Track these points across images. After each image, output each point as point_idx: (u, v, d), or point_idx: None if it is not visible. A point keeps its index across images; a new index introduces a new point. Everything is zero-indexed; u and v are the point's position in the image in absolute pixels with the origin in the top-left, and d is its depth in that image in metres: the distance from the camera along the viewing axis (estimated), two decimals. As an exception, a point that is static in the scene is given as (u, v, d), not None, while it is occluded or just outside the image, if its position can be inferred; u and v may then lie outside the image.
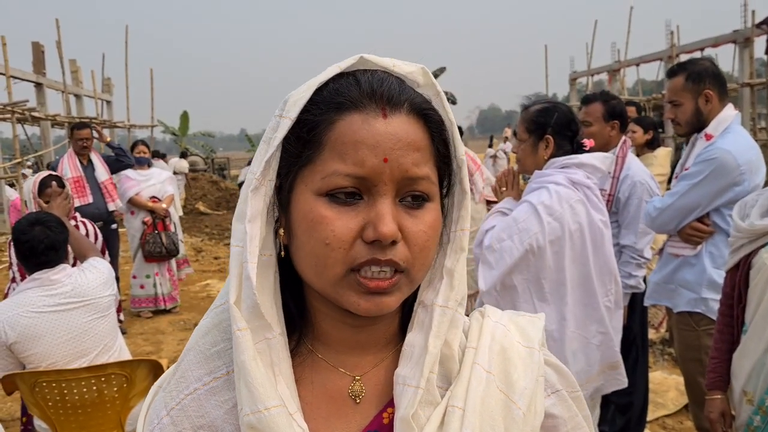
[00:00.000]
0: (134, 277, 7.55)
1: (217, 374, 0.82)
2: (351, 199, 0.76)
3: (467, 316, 0.92)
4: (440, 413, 0.80)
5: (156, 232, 7.35)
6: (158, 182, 7.60)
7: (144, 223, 7.37)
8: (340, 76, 0.80)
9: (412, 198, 0.78)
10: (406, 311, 0.88)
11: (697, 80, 3.15)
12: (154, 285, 7.55)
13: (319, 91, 0.79)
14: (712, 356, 2.44)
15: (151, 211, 7.40)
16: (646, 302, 3.51)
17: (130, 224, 7.50)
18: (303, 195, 0.78)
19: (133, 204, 7.37)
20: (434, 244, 0.81)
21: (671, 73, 3.29)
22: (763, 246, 2.19)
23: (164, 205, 7.45)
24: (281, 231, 0.82)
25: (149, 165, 7.88)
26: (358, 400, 0.84)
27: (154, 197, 7.48)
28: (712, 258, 3.10)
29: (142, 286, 7.53)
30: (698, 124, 3.19)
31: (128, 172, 7.47)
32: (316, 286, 0.80)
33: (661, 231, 3.33)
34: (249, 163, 24.37)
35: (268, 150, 0.78)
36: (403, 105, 0.78)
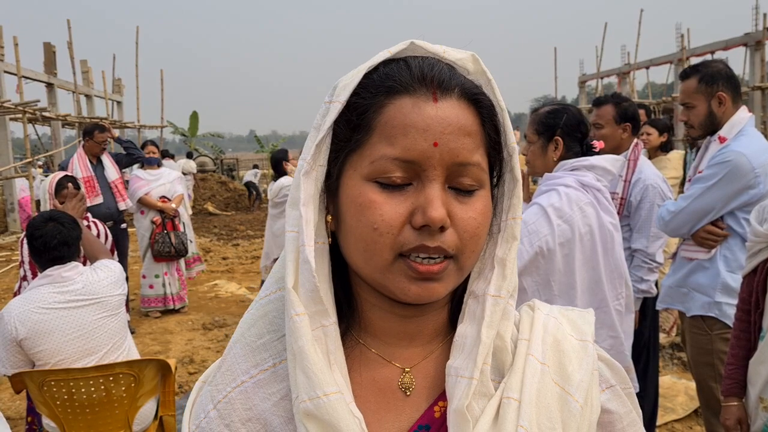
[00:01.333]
0: (144, 276, 7.59)
1: (264, 366, 0.81)
2: (400, 183, 0.75)
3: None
4: (495, 405, 0.78)
5: (165, 231, 7.38)
6: (168, 182, 7.62)
7: (153, 222, 7.40)
8: (391, 61, 0.79)
9: (461, 184, 0.76)
10: (454, 303, 0.87)
11: (710, 82, 3.12)
12: (163, 285, 7.58)
13: (368, 76, 0.78)
14: (728, 362, 2.41)
15: (161, 211, 7.43)
16: (659, 306, 3.48)
17: (139, 224, 7.53)
18: (352, 180, 0.77)
19: (143, 204, 7.40)
20: (484, 232, 0.79)
21: (684, 76, 3.26)
22: None
23: (173, 205, 7.48)
24: (329, 218, 0.81)
25: (159, 165, 7.91)
26: (408, 393, 0.82)
27: (163, 197, 7.51)
28: (727, 262, 3.07)
29: (151, 286, 7.56)
30: (711, 126, 3.16)
31: (138, 172, 7.51)
32: (363, 272, 0.79)
33: (674, 235, 3.30)
34: (255, 166, 24.48)
35: (318, 134, 0.78)
36: (453, 89, 0.76)
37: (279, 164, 6.93)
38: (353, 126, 0.77)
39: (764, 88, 17.62)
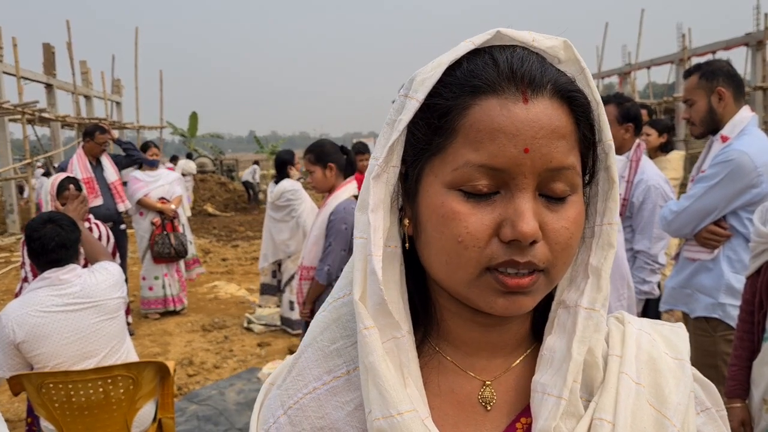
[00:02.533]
0: (143, 278, 7.57)
1: (337, 373, 0.77)
2: (486, 193, 0.69)
3: None
4: (585, 426, 0.72)
5: (165, 233, 7.36)
6: (166, 183, 7.60)
7: (153, 224, 7.39)
8: (475, 53, 0.72)
9: (553, 192, 0.70)
10: (539, 312, 0.81)
11: (710, 78, 3.12)
12: (163, 286, 7.56)
13: (450, 71, 0.71)
14: (731, 363, 2.40)
15: (160, 212, 7.41)
16: (662, 308, 3.46)
17: (139, 225, 7.49)
18: (432, 187, 0.71)
19: (142, 205, 7.37)
20: (577, 242, 0.73)
21: (687, 74, 3.27)
22: None
23: (173, 206, 7.46)
24: (406, 221, 0.76)
25: (157, 167, 7.89)
26: (488, 407, 0.77)
27: (162, 198, 7.49)
28: (730, 262, 3.05)
29: (150, 288, 7.53)
30: (713, 123, 3.14)
31: (137, 173, 7.47)
32: (445, 284, 0.73)
33: (677, 235, 3.28)
34: (256, 162, 24.45)
35: (392, 134, 0.72)
36: (546, 87, 0.69)
37: (284, 166, 6.79)
38: (434, 128, 0.71)
39: (766, 88, 17.61)
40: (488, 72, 0.69)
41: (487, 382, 0.78)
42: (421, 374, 0.74)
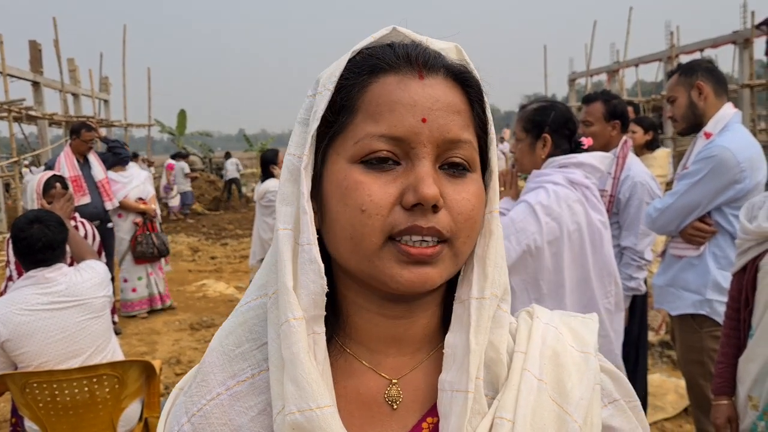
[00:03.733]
0: (125, 280, 7.49)
1: (242, 377, 0.77)
2: (387, 163, 0.71)
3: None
4: (487, 425, 0.72)
5: (147, 233, 7.36)
6: (140, 183, 7.55)
7: (136, 224, 7.37)
8: (373, 45, 0.77)
9: (452, 165, 0.73)
10: (444, 310, 0.82)
11: (689, 73, 3.17)
12: (148, 285, 7.54)
13: (351, 60, 0.75)
14: (718, 361, 2.40)
15: (142, 213, 7.40)
16: (657, 306, 3.47)
17: (118, 227, 7.37)
18: (336, 165, 0.73)
19: (123, 207, 7.29)
20: (479, 216, 0.75)
21: (670, 74, 3.30)
22: None
23: (154, 206, 7.51)
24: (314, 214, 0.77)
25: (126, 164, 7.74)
26: (395, 406, 0.77)
27: (140, 198, 7.48)
28: (716, 259, 3.06)
29: (134, 290, 7.48)
30: (694, 118, 3.17)
31: (111, 174, 7.25)
32: (351, 263, 0.73)
33: (662, 232, 3.29)
34: (226, 156, 24.25)
35: (311, 125, 0.74)
36: (440, 68, 0.74)
37: (266, 166, 6.83)
38: (337, 108, 0.73)
39: (753, 86, 17.71)
40: (386, 54, 0.74)
41: (394, 381, 0.78)
42: (331, 373, 0.74)
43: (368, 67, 0.73)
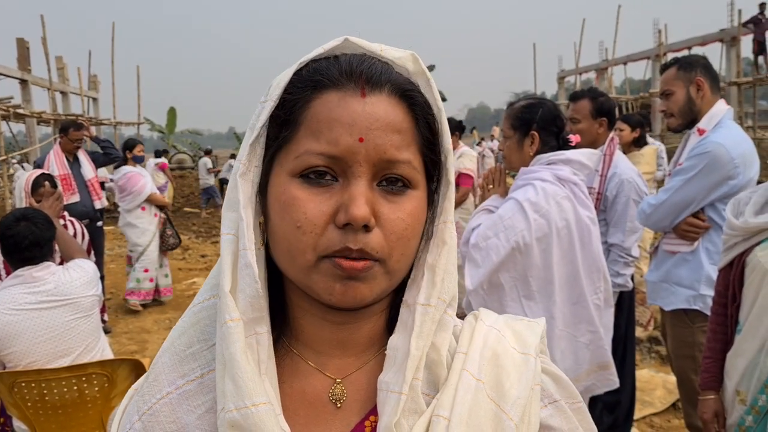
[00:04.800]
0: (146, 270, 7.60)
1: (191, 377, 0.78)
2: (325, 180, 0.73)
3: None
4: (424, 423, 0.74)
5: (167, 226, 7.65)
6: (150, 178, 7.82)
7: (162, 218, 7.64)
8: (324, 58, 0.77)
9: (389, 182, 0.74)
10: (392, 313, 0.84)
11: (688, 68, 3.15)
12: (166, 276, 7.83)
13: (299, 72, 0.76)
14: (705, 356, 2.42)
15: (160, 207, 7.65)
16: (650, 302, 3.50)
17: (141, 220, 7.50)
18: (278, 177, 0.75)
19: (151, 200, 7.52)
20: (414, 235, 0.76)
21: (665, 67, 3.31)
22: (757, 244, 2.16)
23: (168, 200, 7.62)
24: (261, 219, 0.78)
25: (143, 162, 8.07)
26: (338, 405, 0.79)
27: (155, 193, 7.69)
28: (709, 254, 3.08)
29: (151, 280, 7.65)
30: (691, 114, 3.17)
31: (134, 169, 7.51)
32: (289, 273, 0.76)
33: (656, 228, 3.31)
34: (232, 156, 24.27)
35: (252, 133, 0.76)
36: (384, 85, 0.74)
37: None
38: (282, 122, 0.75)
39: (740, 84, 17.83)
40: (330, 69, 0.74)
41: (338, 381, 0.80)
42: (276, 373, 0.76)
43: (312, 82, 0.74)
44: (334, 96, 0.73)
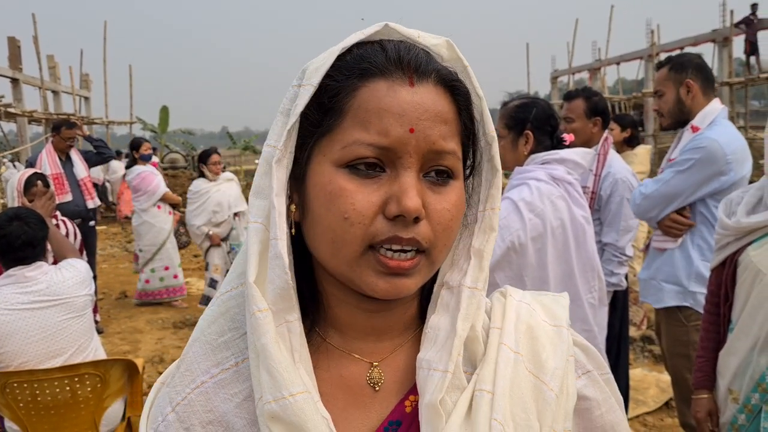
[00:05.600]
0: (166, 268, 7.68)
1: (226, 365, 0.77)
2: (373, 171, 0.71)
3: None
4: (467, 398, 0.75)
5: (181, 223, 7.74)
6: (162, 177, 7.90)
7: (173, 216, 7.73)
8: (364, 43, 0.76)
9: (436, 174, 0.73)
10: (424, 294, 0.84)
11: (679, 70, 3.17)
12: (182, 273, 7.92)
13: (341, 58, 0.74)
14: (698, 355, 2.42)
15: (174, 205, 7.75)
16: (642, 300, 3.51)
17: (157, 218, 7.58)
18: (321, 166, 0.73)
19: (166, 199, 7.60)
20: (458, 225, 0.76)
21: (659, 66, 3.34)
22: (749, 244, 2.17)
23: (179, 198, 7.77)
24: (293, 207, 0.77)
25: (150, 160, 8.17)
26: (377, 388, 0.79)
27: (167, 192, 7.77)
28: (701, 251, 3.09)
29: (175, 276, 7.77)
30: (680, 115, 3.19)
31: (147, 168, 7.62)
32: (330, 265, 0.75)
33: (643, 218, 3.32)
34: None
35: (290, 119, 0.73)
36: (430, 74, 0.73)
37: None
38: (324, 109, 0.73)
39: (732, 84, 17.91)
40: (377, 57, 0.73)
41: (375, 364, 0.80)
42: (310, 359, 0.75)
43: (358, 70, 0.72)
44: (383, 84, 0.72)
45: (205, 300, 7.01)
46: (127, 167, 7.77)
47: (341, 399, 0.78)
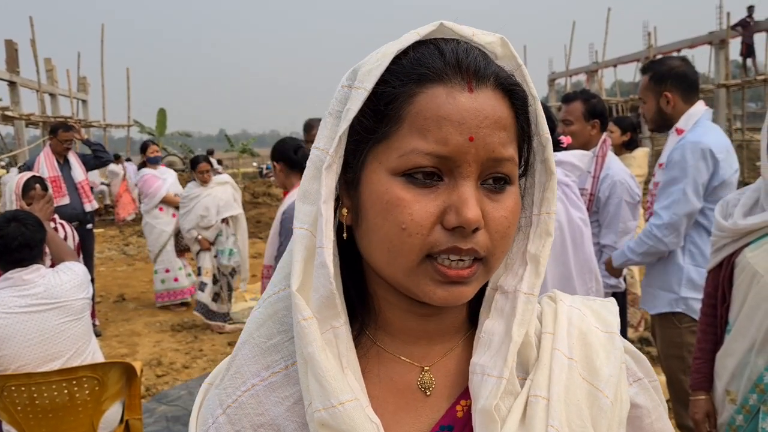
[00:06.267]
0: (167, 270, 7.73)
1: (275, 369, 0.77)
2: (430, 180, 0.69)
3: None
4: (522, 403, 0.74)
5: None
6: (173, 180, 7.95)
7: (176, 218, 7.69)
8: (420, 44, 0.73)
9: (494, 181, 0.72)
10: (474, 298, 0.80)
11: (659, 82, 3.24)
12: (188, 275, 7.92)
13: (396, 60, 0.71)
14: (695, 357, 2.43)
15: (178, 207, 7.69)
16: (642, 307, 3.53)
17: (158, 220, 7.69)
18: (376, 174, 0.71)
19: (166, 202, 7.67)
20: (514, 231, 0.75)
21: (642, 71, 3.42)
22: (746, 245, 2.18)
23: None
24: (344, 211, 0.76)
25: (159, 163, 8.20)
26: (428, 393, 0.78)
27: (177, 194, 7.79)
28: (692, 256, 3.10)
29: (176, 279, 7.77)
30: (662, 121, 3.27)
31: (152, 171, 7.79)
32: (385, 273, 0.74)
33: (675, 247, 3.19)
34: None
35: (341, 124, 0.71)
36: (489, 79, 0.71)
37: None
38: (380, 116, 0.71)
39: (729, 86, 17.94)
40: (435, 61, 0.70)
41: (426, 368, 0.79)
42: (359, 364, 0.74)
43: (416, 75, 0.70)
44: (441, 91, 0.69)
45: (200, 307, 6.96)
46: (139, 169, 7.91)
47: (392, 403, 0.78)
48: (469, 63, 0.71)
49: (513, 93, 0.73)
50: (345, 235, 0.76)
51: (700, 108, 3.19)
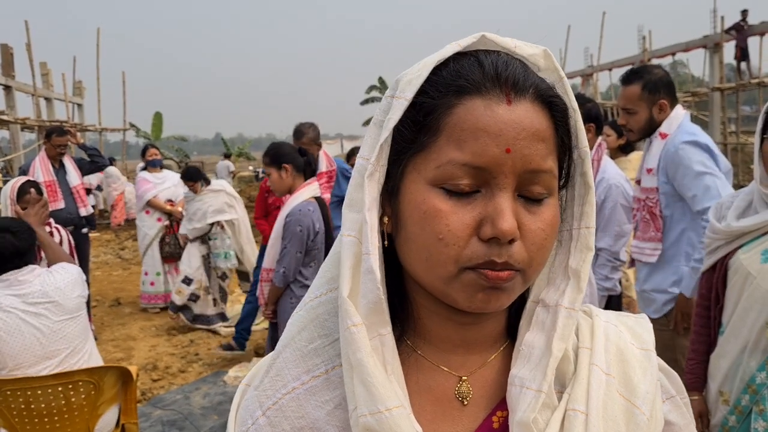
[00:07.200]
0: (146, 273, 7.83)
1: (316, 372, 0.77)
2: (468, 191, 0.70)
3: None
4: (559, 417, 0.74)
5: (173, 234, 7.69)
6: (172, 185, 7.85)
7: (164, 225, 7.74)
8: (460, 55, 0.74)
9: (531, 193, 0.72)
10: (513, 310, 0.83)
11: (654, 90, 3.25)
12: (164, 282, 7.85)
13: (436, 72, 0.73)
14: (689, 357, 2.45)
15: (169, 214, 7.73)
16: (643, 312, 3.55)
17: (143, 222, 7.79)
18: (415, 184, 0.72)
19: (152, 206, 7.69)
20: (552, 243, 0.75)
21: (626, 81, 3.35)
22: (740, 247, 2.20)
23: (180, 209, 7.65)
24: (386, 219, 0.77)
25: (161, 167, 8.19)
26: (465, 402, 0.79)
27: (170, 200, 7.77)
28: (687, 258, 3.11)
29: (152, 283, 7.81)
30: (650, 130, 3.30)
31: (145, 174, 7.87)
32: (424, 280, 0.75)
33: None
34: (227, 157, 24.13)
35: (382, 133, 0.73)
36: (528, 90, 0.71)
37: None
38: (419, 126, 0.72)
39: (723, 89, 18.01)
40: (474, 73, 0.71)
41: (464, 378, 0.80)
42: (402, 371, 0.75)
43: (455, 87, 0.71)
44: (479, 103, 0.70)
45: (202, 320, 7.01)
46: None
47: (429, 411, 0.78)
48: (508, 75, 0.71)
49: (553, 105, 0.74)
50: (386, 242, 0.77)
51: (680, 112, 3.25)
